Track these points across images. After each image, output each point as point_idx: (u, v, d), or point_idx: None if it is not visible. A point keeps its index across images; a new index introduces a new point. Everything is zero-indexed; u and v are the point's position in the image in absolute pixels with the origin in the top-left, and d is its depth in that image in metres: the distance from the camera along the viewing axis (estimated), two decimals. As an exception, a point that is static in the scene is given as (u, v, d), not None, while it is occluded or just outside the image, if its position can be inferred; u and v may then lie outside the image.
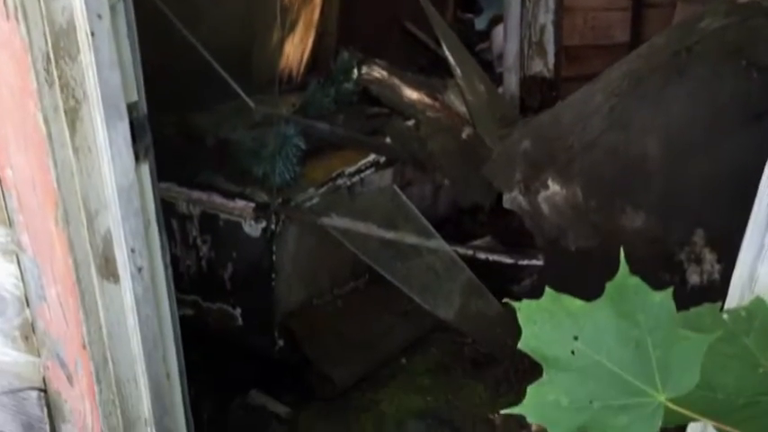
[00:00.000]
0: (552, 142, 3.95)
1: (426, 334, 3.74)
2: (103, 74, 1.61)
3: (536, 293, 3.54)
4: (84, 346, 1.82)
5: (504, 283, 4.03)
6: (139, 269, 1.83)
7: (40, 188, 1.67)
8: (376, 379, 3.45)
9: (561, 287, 3.44)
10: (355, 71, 4.37)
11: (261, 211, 3.16)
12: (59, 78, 1.57)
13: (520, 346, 1.01)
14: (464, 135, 4.26)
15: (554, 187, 4.00)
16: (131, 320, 1.86)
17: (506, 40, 5.16)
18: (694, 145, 3.51)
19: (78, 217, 1.70)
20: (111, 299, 1.81)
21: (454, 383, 3.46)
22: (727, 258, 3.44)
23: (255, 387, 3.32)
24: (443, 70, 4.68)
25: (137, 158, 1.76)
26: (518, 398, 2.98)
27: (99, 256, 1.76)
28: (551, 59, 5.38)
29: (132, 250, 1.80)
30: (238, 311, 3.33)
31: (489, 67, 5.61)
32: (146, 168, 1.82)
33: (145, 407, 1.95)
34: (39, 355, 1.92)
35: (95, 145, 1.67)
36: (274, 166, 3.09)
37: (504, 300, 1.11)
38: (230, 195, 3.20)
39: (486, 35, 6.27)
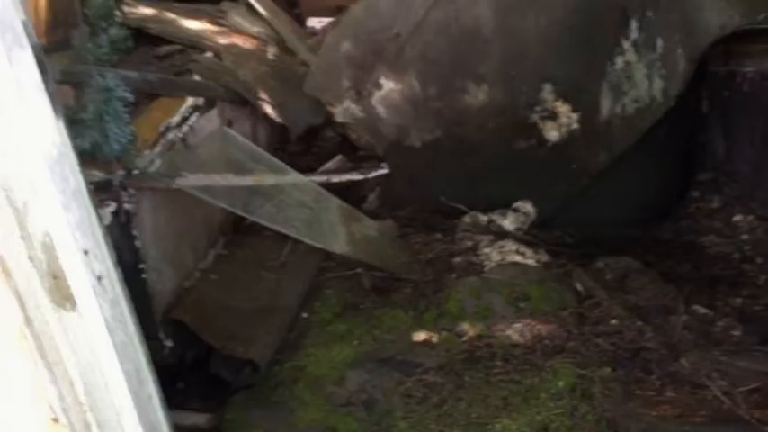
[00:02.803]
0: (375, 36, 3.60)
1: (314, 278, 3.30)
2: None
3: (384, 205, 3.21)
4: (55, 420, 1.17)
5: (353, 205, 3.69)
6: (99, 278, 1.20)
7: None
8: (287, 345, 2.97)
9: (410, 189, 3.17)
10: (117, 13, 3.60)
11: (102, 191, 2.45)
12: None
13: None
14: (270, 56, 3.76)
15: (388, 84, 3.69)
16: (105, 356, 1.23)
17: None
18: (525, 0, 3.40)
19: (5, 218, 1.03)
20: (74, 335, 1.17)
21: (371, 318, 3.09)
22: (583, 105, 3.45)
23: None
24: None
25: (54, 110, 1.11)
26: (441, 309, 2.68)
27: (46, 275, 1.10)
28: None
29: (86, 253, 1.16)
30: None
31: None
32: (63, 125, 1.16)
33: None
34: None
35: (-3, 96, 1.00)
36: (105, 130, 2.38)
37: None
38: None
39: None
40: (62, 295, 1.14)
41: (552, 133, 3.56)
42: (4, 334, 1.08)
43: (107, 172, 2.47)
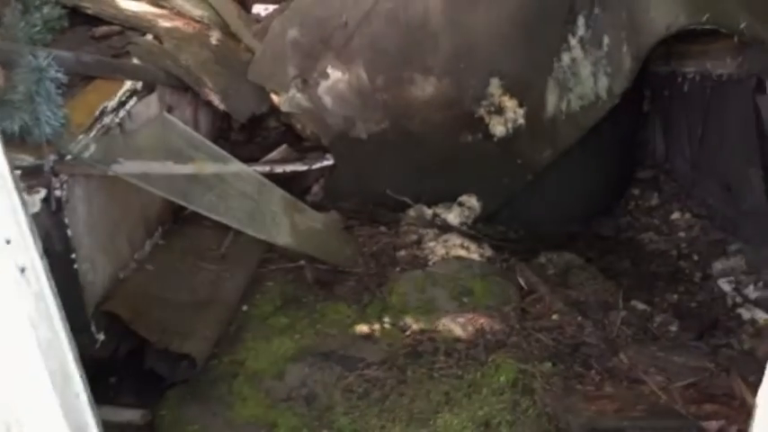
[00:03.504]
0: (323, 24, 3.53)
1: (255, 271, 3.23)
2: None
3: (329, 196, 3.18)
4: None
5: (296, 196, 3.62)
6: (22, 270, 1.12)
7: None
8: (226, 338, 2.89)
9: (355, 180, 3.14)
10: (50, -10, 3.44)
11: (32, 177, 2.33)
12: None
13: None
14: (214, 41, 3.66)
15: (335, 74, 3.63)
16: (28, 354, 1.15)
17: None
18: (475, -8, 3.38)
19: None
20: (-6, 331, 1.09)
21: (313, 312, 3.04)
22: (529, 100, 3.47)
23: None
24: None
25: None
26: (385, 302, 2.65)
27: (-38, 267, 1.02)
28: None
29: (8, 242, 1.08)
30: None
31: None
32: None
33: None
34: None
35: None
36: (36, 112, 2.26)
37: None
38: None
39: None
40: (-20, 288, 1.05)
41: (498, 128, 3.56)
42: None
43: (37, 156, 2.35)
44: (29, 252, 1.13)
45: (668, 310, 3.13)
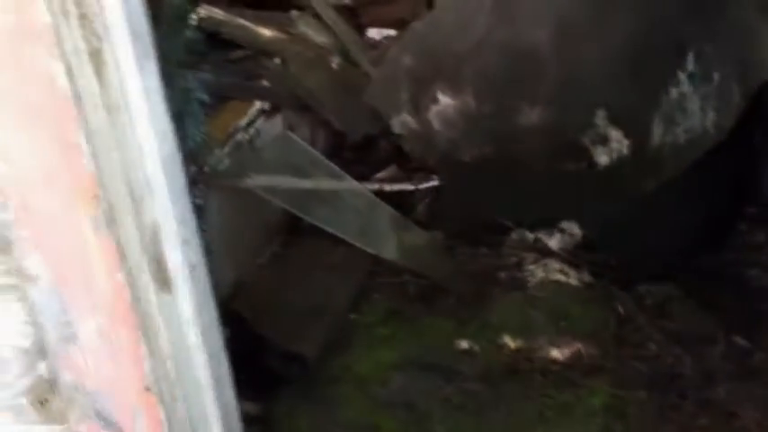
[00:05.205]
0: (436, 51, 3.73)
1: (363, 282, 3.43)
2: (126, -9, 1.10)
3: (433, 216, 3.32)
4: (147, 389, 1.31)
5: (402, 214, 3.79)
6: (193, 267, 1.34)
7: (64, 180, 1.12)
8: (335, 344, 3.10)
9: (460, 202, 3.26)
10: (192, 16, 3.78)
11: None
12: (77, 5, 1.03)
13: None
14: (334, 65, 3.91)
15: (444, 100, 3.81)
16: (193, 339, 1.37)
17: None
18: (584, 24, 3.49)
19: (125, 210, 1.18)
20: (169, 316, 1.31)
21: (415, 325, 3.21)
22: (634, 132, 3.52)
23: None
24: (276, 2, 4.26)
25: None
26: (484, 320, 2.78)
27: (152, 261, 1.25)
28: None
29: (185, 243, 1.31)
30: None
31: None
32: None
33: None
34: (65, 421, 1.36)
35: (126, 99, 1.15)
36: (184, 129, 2.54)
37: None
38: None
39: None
40: (163, 279, 1.28)
41: (602, 157, 3.63)
42: (114, 309, 1.22)
43: (185, 168, 2.62)
44: (198, 252, 1.35)
45: (770, 348, 3.11)
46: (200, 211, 2.62)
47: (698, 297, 3.51)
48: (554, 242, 3.76)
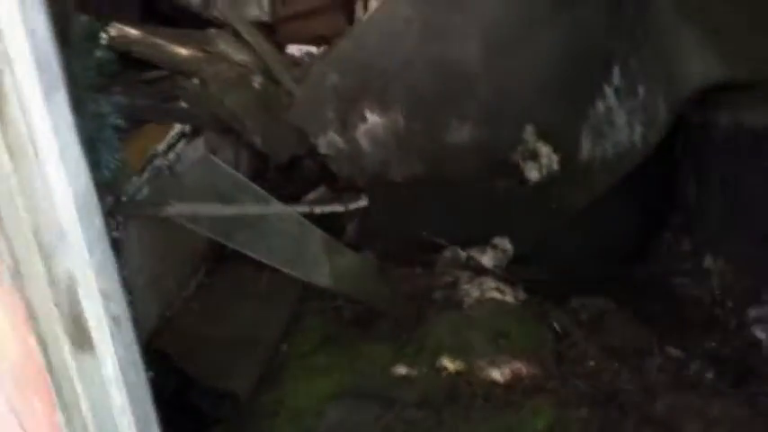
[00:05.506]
0: (363, 69, 3.64)
1: (293, 308, 3.29)
2: (29, 15, 0.95)
3: (364, 237, 3.25)
4: (66, 462, 1.15)
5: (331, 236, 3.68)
6: (115, 320, 1.20)
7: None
8: (267, 377, 2.95)
9: (390, 222, 3.20)
10: (103, 35, 3.57)
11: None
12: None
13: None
14: (256, 85, 3.77)
15: (373, 118, 3.73)
16: (117, 400, 1.22)
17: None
18: (512, 41, 3.47)
19: (33, 262, 1.02)
20: (90, 378, 1.16)
21: (351, 352, 3.09)
22: (563, 146, 3.53)
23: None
24: (191, 19, 4.10)
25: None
26: (421, 343, 2.70)
27: (67, 318, 1.10)
28: (265, 1, 4.81)
29: (105, 294, 1.16)
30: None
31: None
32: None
33: None
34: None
35: (32, 138, 1.00)
36: (97, 156, 2.36)
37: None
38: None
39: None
40: (82, 338, 1.13)
41: (533, 173, 3.62)
42: (23, 377, 1.06)
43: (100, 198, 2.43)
44: (120, 302, 1.20)
45: (703, 357, 3.14)
46: (118, 245, 2.44)
47: (630, 309, 3.52)
48: (487, 259, 3.72)
